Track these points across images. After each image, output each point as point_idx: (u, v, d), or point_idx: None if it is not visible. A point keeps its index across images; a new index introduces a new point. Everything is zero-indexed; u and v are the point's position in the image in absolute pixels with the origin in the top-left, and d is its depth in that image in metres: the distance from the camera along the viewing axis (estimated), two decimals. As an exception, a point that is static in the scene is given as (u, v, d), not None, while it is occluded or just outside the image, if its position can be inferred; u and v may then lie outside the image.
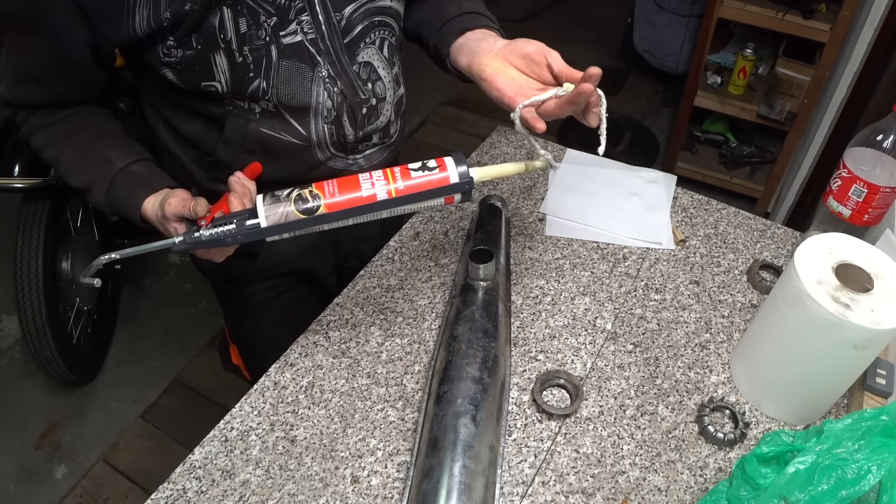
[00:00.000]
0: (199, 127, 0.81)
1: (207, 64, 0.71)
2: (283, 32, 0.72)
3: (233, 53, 0.71)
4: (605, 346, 0.86)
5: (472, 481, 0.65)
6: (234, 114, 0.78)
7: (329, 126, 0.81)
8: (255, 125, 0.78)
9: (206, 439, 0.77)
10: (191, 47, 0.70)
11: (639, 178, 1.11)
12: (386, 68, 0.85)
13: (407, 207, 0.67)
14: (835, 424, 0.55)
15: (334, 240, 1.01)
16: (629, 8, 2.70)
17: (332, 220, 0.66)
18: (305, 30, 0.74)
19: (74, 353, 1.81)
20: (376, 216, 0.67)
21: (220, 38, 0.70)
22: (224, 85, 0.73)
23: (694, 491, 0.72)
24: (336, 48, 0.77)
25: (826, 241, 0.72)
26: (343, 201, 0.66)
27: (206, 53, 0.70)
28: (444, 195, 0.67)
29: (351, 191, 0.66)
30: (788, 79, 1.98)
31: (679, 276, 0.95)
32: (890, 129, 0.80)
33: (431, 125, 2.85)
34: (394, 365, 0.84)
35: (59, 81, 0.75)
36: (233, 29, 0.69)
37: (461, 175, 0.67)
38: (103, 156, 0.76)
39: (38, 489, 1.71)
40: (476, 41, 0.79)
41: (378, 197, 0.66)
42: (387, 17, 0.82)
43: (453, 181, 0.67)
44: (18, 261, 1.63)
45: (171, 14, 0.66)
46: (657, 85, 2.94)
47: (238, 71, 0.72)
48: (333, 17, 0.75)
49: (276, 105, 0.77)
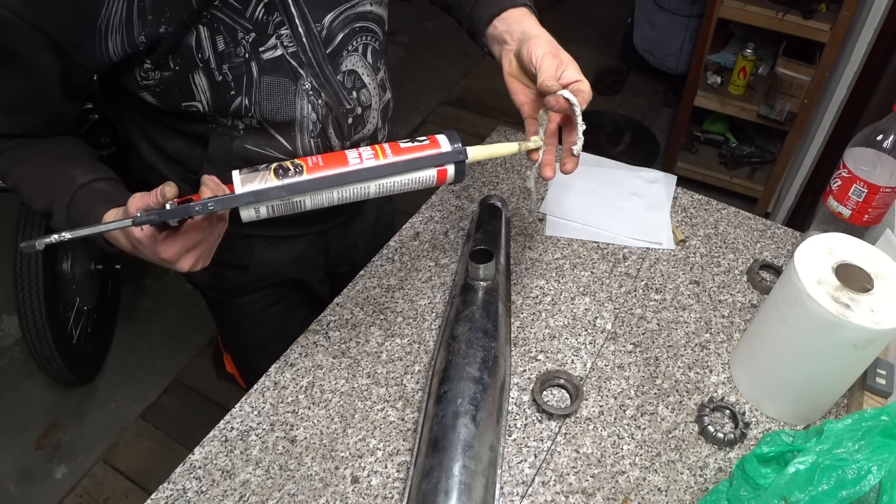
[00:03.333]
0: (183, 145, 0.79)
1: (187, 84, 0.69)
2: (262, 48, 0.70)
3: (212, 72, 0.69)
4: (605, 346, 0.86)
5: (472, 481, 0.65)
6: (218, 131, 0.76)
7: (315, 139, 0.79)
8: (239, 142, 0.76)
9: (206, 439, 0.77)
10: (168, 69, 0.68)
11: (639, 178, 1.11)
12: (370, 75, 0.82)
13: (396, 181, 0.63)
14: (835, 424, 0.55)
15: (324, 247, 1.00)
16: (629, 8, 2.70)
17: (314, 189, 0.61)
18: (286, 43, 0.72)
19: (74, 353, 1.81)
20: (364, 190, 0.63)
21: (198, 57, 0.67)
22: (205, 105, 0.71)
23: (694, 491, 0.72)
24: (318, 59, 0.75)
25: (826, 241, 0.72)
26: (329, 170, 0.62)
27: (184, 74, 0.68)
28: (435, 164, 0.64)
29: (337, 164, 0.62)
30: (788, 79, 1.98)
31: (679, 276, 0.95)
32: (890, 129, 0.80)
33: (431, 125, 2.85)
34: (394, 365, 0.84)
35: (30, 115, 0.72)
36: (210, 48, 0.67)
37: (454, 148, 0.64)
38: (65, 173, 0.72)
39: (38, 489, 1.71)
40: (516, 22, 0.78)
41: (365, 163, 0.62)
42: (368, 21, 0.79)
43: (444, 150, 0.64)
44: (18, 261, 1.63)
45: (146, 37, 0.64)
46: (657, 85, 2.94)
47: (218, 90, 0.70)
48: (314, 27, 0.73)
49: (260, 121, 0.75)
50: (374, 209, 1.06)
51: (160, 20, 0.63)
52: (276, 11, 0.70)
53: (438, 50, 3.20)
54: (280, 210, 0.63)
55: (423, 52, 3.18)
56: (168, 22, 0.64)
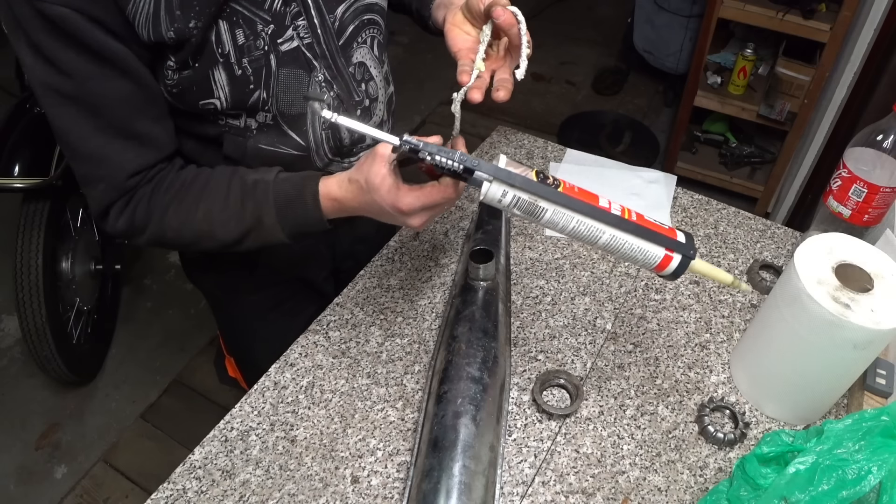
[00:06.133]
0: (195, 146, 0.79)
1: (206, 82, 0.69)
2: (280, 39, 0.71)
3: (232, 67, 0.69)
4: (605, 346, 0.86)
5: (472, 481, 0.65)
6: (231, 133, 0.76)
7: (325, 131, 0.80)
8: (253, 142, 0.77)
9: (206, 439, 0.77)
10: (188, 67, 0.67)
11: (639, 178, 1.11)
12: (377, 67, 0.84)
13: (627, 242, 0.63)
14: (835, 425, 0.55)
15: (331, 243, 1.00)
16: (629, 8, 2.70)
17: (563, 204, 0.61)
18: (301, 35, 0.73)
19: (74, 353, 1.81)
20: (596, 235, 0.63)
21: (218, 52, 0.67)
22: (223, 101, 0.71)
23: (694, 491, 0.72)
24: (332, 51, 0.76)
25: (826, 241, 0.72)
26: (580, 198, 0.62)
27: (204, 71, 0.68)
28: (667, 247, 0.64)
29: (589, 198, 0.63)
30: (788, 79, 1.98)
31: (679, 276, 0.95)
32: (890, 129, 0.80)
33: (431, 125, 2.84)
34: (394, 365, 0.84)
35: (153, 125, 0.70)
36: (230, 42, 0.68)
37: (688, 244, 0.64)
38: (247, 182, 0.71)
39: (38, 489, 1.71)
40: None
41: (612, 210, 0.62)
42: (374, 14, 0.81)
43: (679, 240, 0.64)
44: (18, 261, 1.63)
45: (175, 33, 0.63)
46: (657, 85, 2.94)
47: (238, 84, 0.71)
48: (328, 19, 0.74)
49: (275, 116, 0.76)
50: None
51: (189, 15, 0.63)
52: (294, 2, 0.71)
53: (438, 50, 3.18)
54: (521, 207, 0.62)
55: (423, 52, 3.18)
56: (197, 17, 0.64)
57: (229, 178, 0.72)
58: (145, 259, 2.28)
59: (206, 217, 0.71)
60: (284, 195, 0.70)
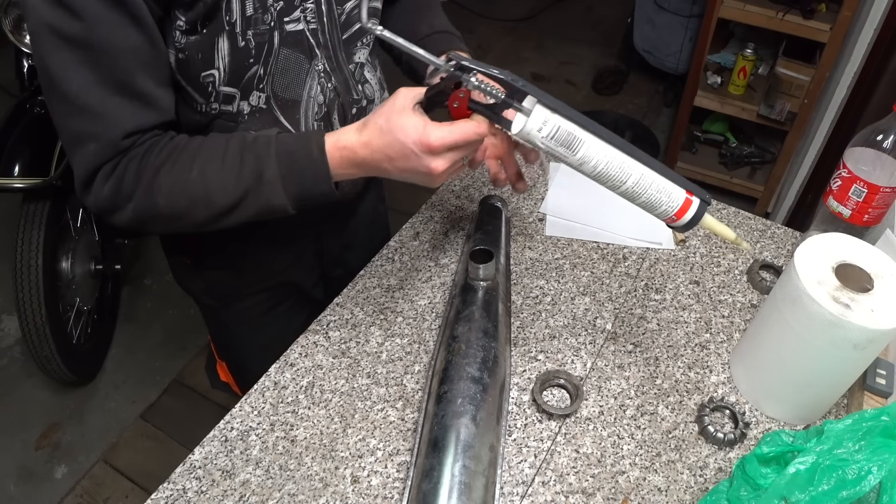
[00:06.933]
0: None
1: (211, 50, 0.68)
2: (287, 18, 0.71)
3: (236, 37, 0.68)
4: (605, 346, 0.86)
5: (472, 481, 0.65)
6: (222, 119, 0.75)
7: (318, 123, 0.80)
8: (243, 129, 0.76)
9: (206, 439, 0.77)
10: (196, 31, 0.66)
11: (639, 178, 1.11)
12: (372, 71, 0.85)
13: (654, 183, 0.63)
14: (835, 425, 0.55)
15: (319, 249, 1.00)
16: (629, 8, 2.70)
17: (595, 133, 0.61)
18: (308, 18, 0.73)
19: (74, 353, 1.81)
20: (626, 173, 0.62)
21: (226, 20, 0.67)
22: (222, 72, 0.70)
23: (694, 491, 0.72)
24: (334, 43, 0.77)
25: (826, 241, 0.72)
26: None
27: (211, 38, 0.67)
28: (687, 189, 0.65)
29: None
30: (788, 79, 1.98)
31: (679, 276, 0.95)
32: (890, 129, 0.80)
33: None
34: (394, 365, 0.84)
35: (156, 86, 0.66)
36: (239, 11, 0.67)
37: (703, 191, 0.66)
38: (245, 141, 0.68)
39: (38, 489, 1.71)
40: None
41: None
42: (376, 17, 0.82)
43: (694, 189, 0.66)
44: (18, 261, 1.63)
45: None
46: (657, 85, 2.94)
47: (238, 56, 0.70)
48: (335, 9, 0.75)
49: (269, 98, 0.75)
50: (369, 210, 1.06)
51: None
52: None
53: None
54: (559, 139, 0.61)
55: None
56: None
57: (228, 137, 0.70)
58: (145, 259, 2.28)
59: (202, 175, 0.67)
60: (286, 146, 0.67)
